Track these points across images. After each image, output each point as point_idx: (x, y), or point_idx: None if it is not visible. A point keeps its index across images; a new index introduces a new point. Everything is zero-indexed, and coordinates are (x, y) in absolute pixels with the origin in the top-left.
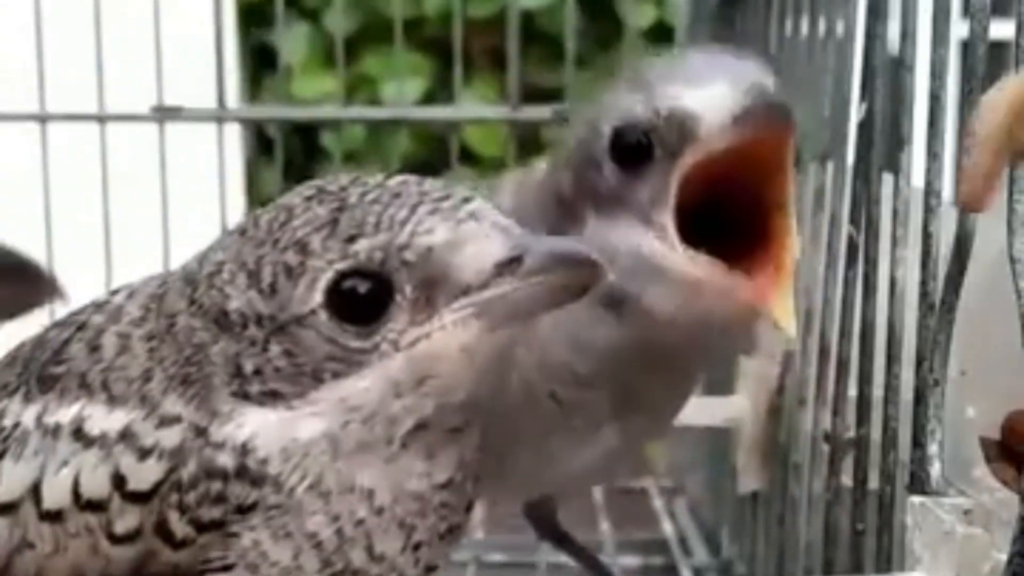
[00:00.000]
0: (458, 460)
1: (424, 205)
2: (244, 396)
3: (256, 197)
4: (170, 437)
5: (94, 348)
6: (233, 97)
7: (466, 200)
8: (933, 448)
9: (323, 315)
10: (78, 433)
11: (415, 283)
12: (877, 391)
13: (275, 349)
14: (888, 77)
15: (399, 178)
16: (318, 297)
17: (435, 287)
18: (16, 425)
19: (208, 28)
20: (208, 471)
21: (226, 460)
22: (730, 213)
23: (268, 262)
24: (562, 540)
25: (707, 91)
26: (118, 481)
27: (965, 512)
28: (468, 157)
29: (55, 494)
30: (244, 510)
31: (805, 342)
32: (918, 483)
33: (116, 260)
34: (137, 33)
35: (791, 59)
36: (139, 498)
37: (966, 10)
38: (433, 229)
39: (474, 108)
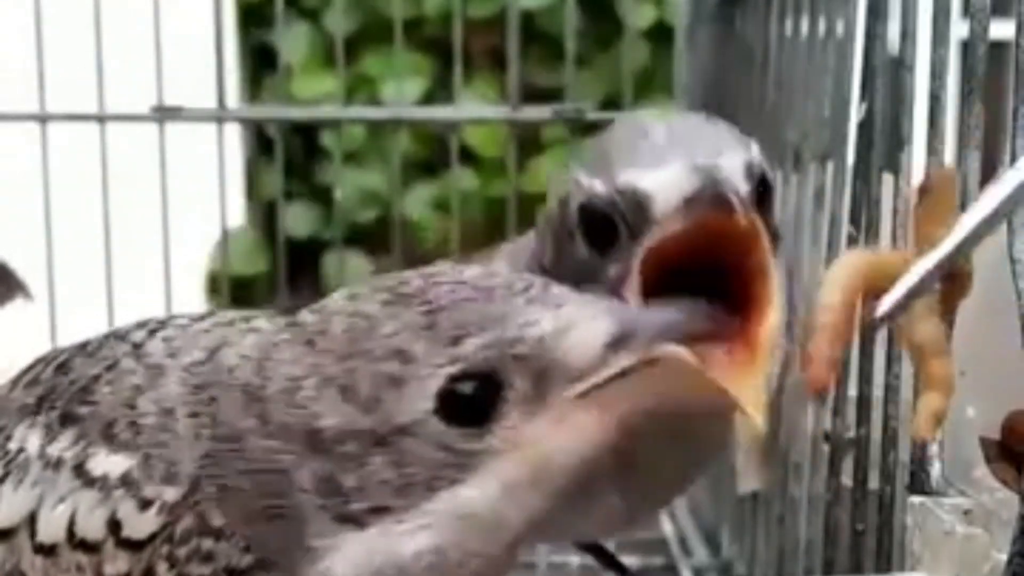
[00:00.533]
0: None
1: (518, 296)
2: (345, 518)
3: (256, 197)
4: (172, 493)
5: (129, 406)
6: (233, 97)
7: (550, 285)
8: (933, 448)
9: (433, 421)
10: (79, 469)
11: (526, 376)
12: (877, 391)
13: (378, 462)
14: (888, 77)
15: (470, 270)
16: (428, 404)
17: (546, 377)
18: (20, 451)
19: (208, 28)
20: (201, 528)
21: (219, 521)
22: (716, 282)
23: (364, 374)
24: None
25: (661, 173)
26: (114, 526)
27: (965, 512)
28: (468, 157)
29: (50, 528)
30: (235, 572)
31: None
32: (918, 483)
33: (116, 260)
34: (137, 33)
35: (791, 59)
36: (132, 546)
37: (966, 10)
38: (539, 319)
39: (474, 108)
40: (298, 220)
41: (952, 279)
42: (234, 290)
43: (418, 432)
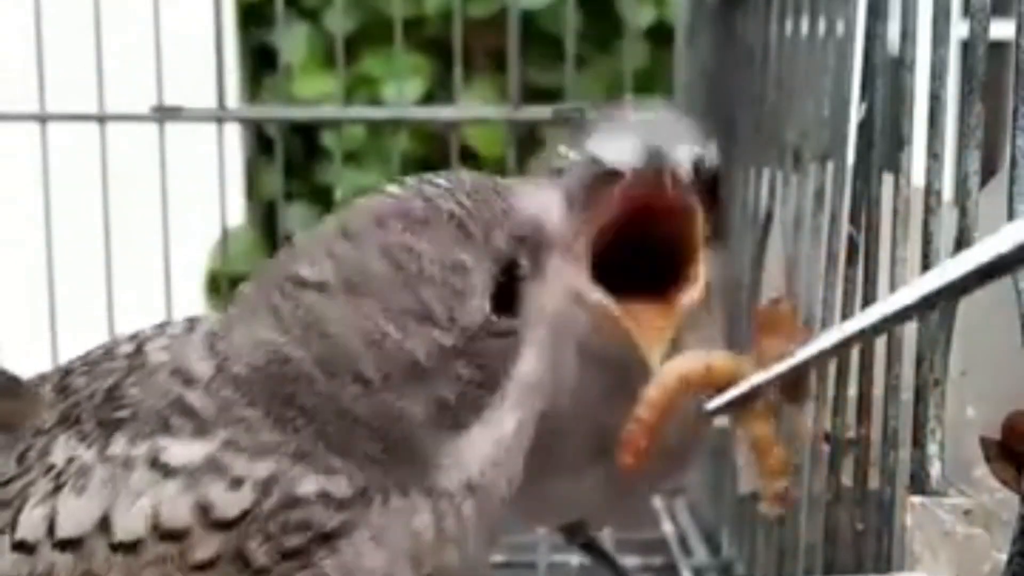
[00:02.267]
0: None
1: (494, 187)
2: (454, 427)
3: (256, 197)
4: (262, 468)
5: (176, 400)
6: (233, 97)
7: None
8: (933, 448)
9: (493, 317)
10: (155, 463)
11: (526, 254)
12: (877, 391)
13: (465, 371)
14: (888, 77)
15: (443, 181)
16: (485, 304)
17: (537, 251)
18: (71, 460)
19: (208, 28)
20: (291, 500)
21: (309, 488)
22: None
23: (435, 297)
24: (588, 546)
25: (618, 145)
26: (202, 510)
27: (965, 512)
28: (468, 157)
29: (130, 525)
30: (328, 537)
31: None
32: (918, 483)
33: (116, 259)
34: (137, 33)
35: (791, 59)
36: (223, 526)
37: (966, 10)
38: (524, 205)
39: (474, 108)
40: (298, 220)
41: (794, 385)
42: (234, 289)
43: (482, 330)
